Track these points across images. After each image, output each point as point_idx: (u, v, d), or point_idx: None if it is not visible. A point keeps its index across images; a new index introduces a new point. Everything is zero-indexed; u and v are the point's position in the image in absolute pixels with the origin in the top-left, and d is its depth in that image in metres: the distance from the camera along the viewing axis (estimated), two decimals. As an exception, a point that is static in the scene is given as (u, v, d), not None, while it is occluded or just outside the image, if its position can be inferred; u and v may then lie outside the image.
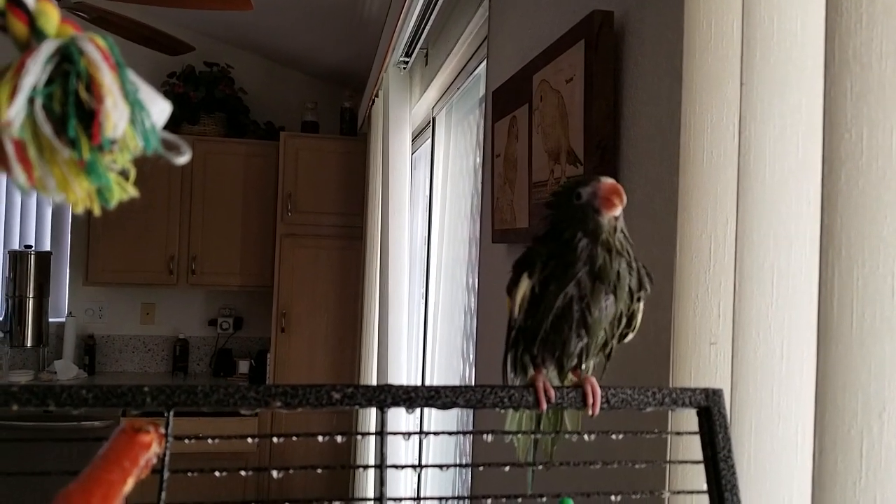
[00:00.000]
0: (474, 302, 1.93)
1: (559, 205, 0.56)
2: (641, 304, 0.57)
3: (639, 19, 0.93)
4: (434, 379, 2.59)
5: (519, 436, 0.63)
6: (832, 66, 0.46)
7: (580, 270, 0.54)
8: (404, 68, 2.76)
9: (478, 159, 2.09)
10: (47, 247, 3.84)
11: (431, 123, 2.72)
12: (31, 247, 3.71)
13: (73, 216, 3.87)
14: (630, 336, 0.59)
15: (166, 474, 0.48)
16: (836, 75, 0.46)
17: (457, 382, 2.28)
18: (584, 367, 0.58)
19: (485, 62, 1.80)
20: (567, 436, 0.62)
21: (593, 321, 0.55)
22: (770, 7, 0.58)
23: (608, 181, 0.53)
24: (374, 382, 2.75)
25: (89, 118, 0.31)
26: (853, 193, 0.45)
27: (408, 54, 2.63)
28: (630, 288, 0.55)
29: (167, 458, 0.48)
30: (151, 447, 0.44)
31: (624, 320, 0.57)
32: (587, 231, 0.54)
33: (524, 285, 0.56)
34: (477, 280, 1.83)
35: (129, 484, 0.42)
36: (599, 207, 0.53)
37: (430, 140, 2.74)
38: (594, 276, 0.54)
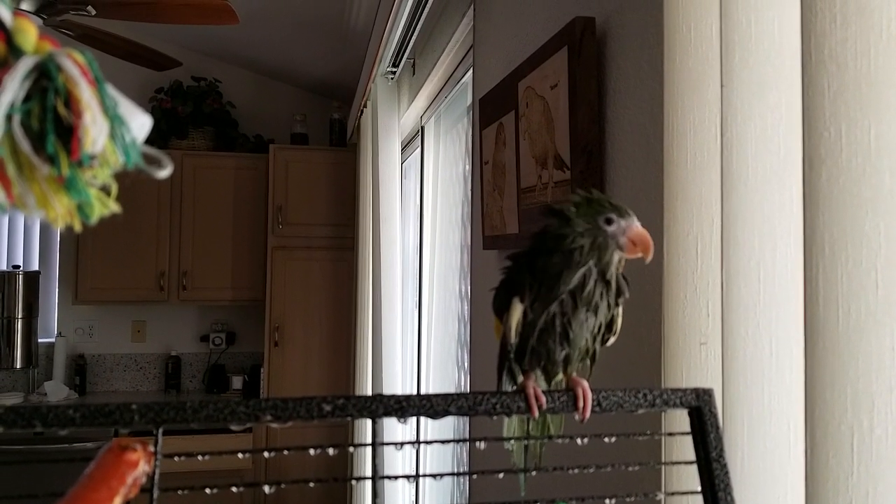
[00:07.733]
0: (468, 309, 1.92)
1: (577, 216, 0.54)
2: (620, 309, 0.57)
3: (620, 25, 0.94)
4: (430, 388, 2.58)
5: (514, 441, 0.63)
6: (809, 66, 0.47)
7: (563, 293, 0.54)
8: (392, 78, 2.77)
9: (467, 167, 2.10)
10: (36, 266, 3.81)
11: (420, 132, 2.73)
12: (19, 267, 3.68)
13: (62, 235, 3.84)
14: (612, 340, 0.59)
15: (156, 493, 0.48)
16: (813, 75, 0.47)
17: (452, 390, 2.27)
18: (570, 370, 0.58)
19: (471, 71, 1.81)
20: (559, 440, 0.62)
21: (574, 335, 0.56)
22: (747, 9, 0.58)
23: (641, 231, 0.54)
24: (370, 393, 2.72)
25: (68, 134, 0.31)
26: (834, 191, 0.45)
27: (395, 65, 2.63)
28: (609, 303, 0.56)
29: (157, 477, 0.47)
30: (139, 465, 0.44)
31: (603, 327, 0.57)
32: (599, 260, 0.54)
33: (517, 311, 0.56)
34: (469, 287, 1.83)
35: (117, 503, 0.41)
36: (624, 246, 0.54)
37: (419, 149, 2.75)
38: (576, 299, 0.54)
